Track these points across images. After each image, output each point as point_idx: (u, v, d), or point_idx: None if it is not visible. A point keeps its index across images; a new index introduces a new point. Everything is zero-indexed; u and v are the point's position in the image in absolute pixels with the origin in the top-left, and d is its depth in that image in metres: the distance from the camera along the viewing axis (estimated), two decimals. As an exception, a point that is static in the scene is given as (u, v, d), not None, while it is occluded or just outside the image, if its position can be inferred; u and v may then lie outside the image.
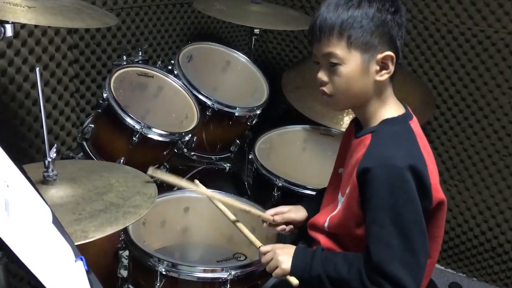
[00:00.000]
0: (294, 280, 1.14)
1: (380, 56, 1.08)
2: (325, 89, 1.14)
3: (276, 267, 1.16)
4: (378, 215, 1.04)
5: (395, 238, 1.02)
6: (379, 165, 1.04)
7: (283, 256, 1.16)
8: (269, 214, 1.37)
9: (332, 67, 1.10)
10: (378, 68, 1.10)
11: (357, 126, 1.21)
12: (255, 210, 1.38)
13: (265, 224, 1.38)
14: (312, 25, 1.12)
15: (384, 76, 1.10)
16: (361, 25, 1.06)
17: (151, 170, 1.29)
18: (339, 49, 1.08)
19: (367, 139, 1.11)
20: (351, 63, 1.09)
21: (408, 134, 1.11)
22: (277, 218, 1.35)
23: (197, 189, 1.36)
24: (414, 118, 1.16)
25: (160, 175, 1.31)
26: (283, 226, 1.36)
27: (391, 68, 1.10)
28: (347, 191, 1.13)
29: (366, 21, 1.06)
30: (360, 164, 1.07)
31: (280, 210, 1.37)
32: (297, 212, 1.37)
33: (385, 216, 1.03)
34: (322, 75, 1.13)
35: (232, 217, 1.34)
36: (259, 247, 1.24)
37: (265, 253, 1.21)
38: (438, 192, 1.08)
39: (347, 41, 1.07)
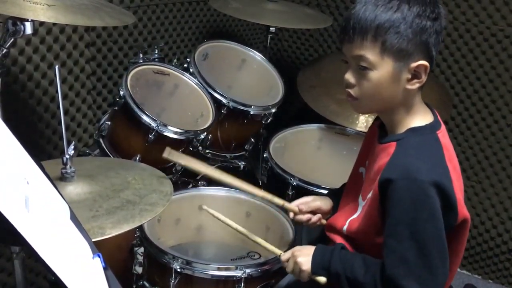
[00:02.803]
0: (321, 279, 1.13)
1: (414, 65, 1.03)
2: (351, 91, 1.09)
3: (300, 271, 1.15)
4: (397, 228, 1.01)
5: (412, 253, 0.99)
6: (402, 177, 1.00)
7: (302, 258, 1.15)
8: (293, 204, 1.34)
9: (361, 70, 1.05)
10: (409, 76, 1.04)
11: (381, 130, 1.17)
12: (277, 199, 1.36)
13: (291, 215, 1.35)
14: (345, 23, 1.06)
15: (415, 85, 1.05)
16: (398, 30, 1.00)
17: (167, 152, 1.29)
18: (371, 54, 1.03)
19: (391, 147, 1.07)
20: (382, 69, 1.03)
21: (434, 146, 1.07)
22: (303, 207, 1.32)
23: (213, 174, 1.34)
24: (443, 127, 1.11)
25: (176, 157, 1.30)
26: (309, 216, 1.32)
27: (424, 78, 1.05)
28: (369, 196, 1.11)
29: (404, 26, 1.00)
30: (383, 173, 1.04)
31: (304, 200, 1.34)
32: (322, 201, 1.34)
33: (403, 230, 1.00)
34: (350, 77, 1.08)
35: (245, 230, 1.33)
36: (280, 255, 1.23)
37: (287, 261, 1.19)
38: (463, 208, 1.04)
39: (381, 46, 1.02)
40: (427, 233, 0.99)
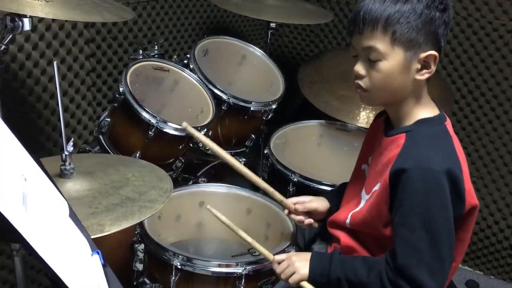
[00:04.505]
0: (309, 287, 1.13)
1: (423, 55, 1.05)
2: (361, 83, 1.10)
3: (293, 274, 1.15)
4: (409, 219, 1.02)
5: (424, 243, 1.00)
6: (416, 167, 1.01)
7: (300, 263, 1.15)
8: (290, 202, 1.35)
9: (371, 61, 1.06)
10: (419, 66, 1.06)
11: (387, 124, 1.18)
12: (278, 194, 1.36)
13: (286, 211, 1.37)
14: (354, 15, 1.07)
15: (424, 75, 1.07)
16: (408, 21, 1.02)
17: (185, 124, 1.31)
18: (381, 44, 1.04)
19: (401, 138, 1.08)
20: (392, 60, 1.05)
21: (444, 136, 1.08)
22: (298, 207, 1.34)
23: (218, 152, 1.33)
24: (448, 120, 1.13)
25: (192, 131, 1.31)
26: (301, 218, 1.34)
27: (433, 68, 1.06)
28: (375, 189, 1.11)
29: (413, 17, 1.02)
30: (395, 164, 1.04)
31: (302, 199, 1.36)
32: (319, 202, 1.35)
33: (416, 220, 1.01)
34: (360, 68, 1.09)
35: (243, 233, 1.31)
36: (273, 258, 1.22)
37: (279, 262, 1.19)
38: (471, 197, 1.05)
39: (392, 36, 1.03)
40: (439, 222, 1.01)
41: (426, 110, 1.11)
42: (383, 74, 1.06)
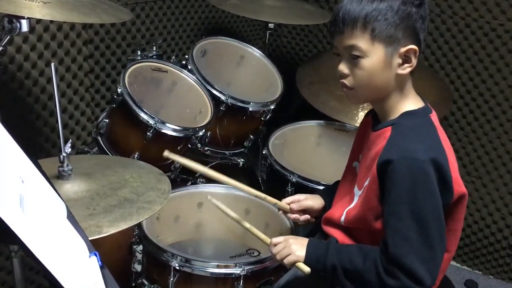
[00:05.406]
0: (305, 268, 1.14)
1: (403, 49, 1.07)
2: (345, 81, 1.13)
3: (288, 255, 1.16)
4: (398, 208, 1.04)
5: (413, 231, 1.02)
6: (401, 157, 1.03)
7: (297, 245, 1.17)
8: (285, 202, 1.37)
9: (354, 59, 1.09)
10: (400, 61, 1.09)
11: (374, 119, 1.20)
12: (270, 198, 1.37)
13: (280, 212, 1.39)
14: (334, 16, 1.11)
15: (406, 69, 1.10)
16: (386, 17, 1.05)
17: (167, 152, 1.30)
18: (362, 42, 1.07)
19: (387, 131, 1.11)
20: (374, 56, 1.08)
21: (429, 127, 1.11)
22: (294, 206, 1.35)
23: (209, 173, 1.35)
24: (434, 112, 1.15)
25: (175, 157, 1.31)
26: (296, 216, 1.36)
27: (414, 61, 1.09)
28: (365, 184, 1.13)
29: (390, 13, 1.05)
30: (381, 156, 1.07)
31: (296, 198, 1.37)
32: (314, 200, 1.37)
33: (404, 209, 1.03)
34: (343, 68, 1.12)
35: (237, 216, 1.34)
36: (271, 240, 1.23)
37: (276, 244, 1.21)
38: (459, 186, 1.07)
39: (371, 33, 1.06)
40: (427, 211, 1.03)
41: (410, 103, 1.14)
42: (366, 71, 1.09)
